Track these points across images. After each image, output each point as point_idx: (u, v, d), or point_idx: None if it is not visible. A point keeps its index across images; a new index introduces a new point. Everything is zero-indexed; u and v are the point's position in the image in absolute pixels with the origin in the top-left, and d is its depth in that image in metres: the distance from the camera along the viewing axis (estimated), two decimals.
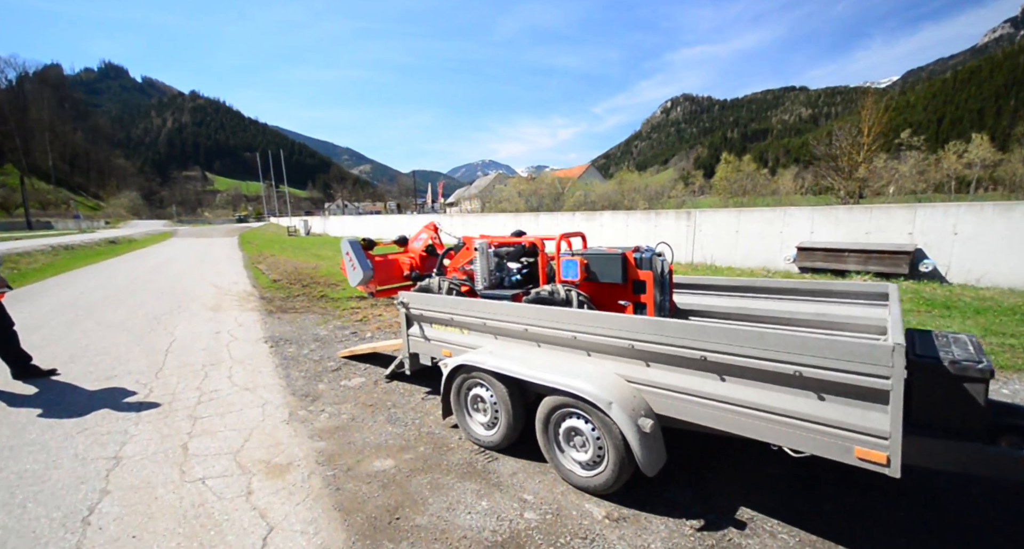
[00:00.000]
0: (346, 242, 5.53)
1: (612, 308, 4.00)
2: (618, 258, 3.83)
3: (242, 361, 5.67)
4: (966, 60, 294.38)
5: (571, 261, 3.97)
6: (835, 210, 10.59)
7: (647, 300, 3.81)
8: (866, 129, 34.06)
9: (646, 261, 3.83)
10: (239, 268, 15.91)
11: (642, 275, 3.80)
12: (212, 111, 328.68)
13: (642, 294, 3.83)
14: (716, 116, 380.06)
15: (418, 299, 4.20)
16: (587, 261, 3.96)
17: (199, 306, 9.13)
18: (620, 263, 3.83)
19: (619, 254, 3.83)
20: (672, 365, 2.58)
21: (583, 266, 3.93)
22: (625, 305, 3.98)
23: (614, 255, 3.85)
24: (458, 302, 3.81)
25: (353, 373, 5.20)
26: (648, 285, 3.77)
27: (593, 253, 4.00)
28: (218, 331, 7.14)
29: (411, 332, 4.40)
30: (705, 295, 4.54)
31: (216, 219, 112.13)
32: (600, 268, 3.94)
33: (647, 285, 3.77)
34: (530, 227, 18.85)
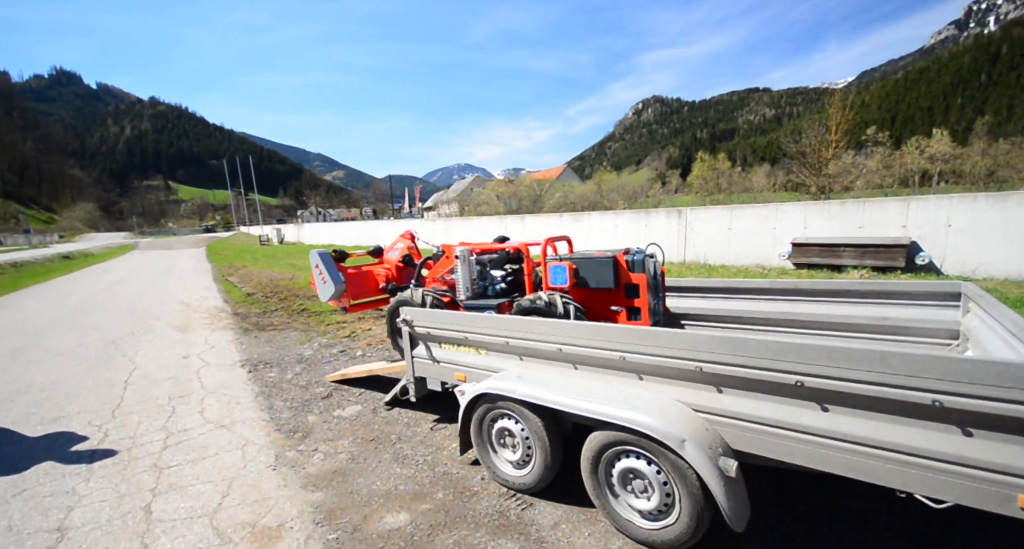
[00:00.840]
0: (315, 254, 5.06)
1: (604, 315, 3.82)
2: (609, 262, 3.64)
3: (216, 391, 4.98)
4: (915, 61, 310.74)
5: (559, 267, 3.77)
6: (828, 205, 10.53)
7: (641, 304, 3.63)
8: (834, 127, 35.13)
9: (638, 263, 3.64)
10: (208, 281, 14.89)
11: (635, 278, 3.62)
12: (174, 118, 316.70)
13: (635, 298, 3.65)
14: (686, 117, 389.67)
15: (425, 316, 3.67)
16: (576, 266, 3.77)
17: (164, 326, 8.29)
18: (611, 267, 3.64)
19: (610, 257, 3.64)
20: (755, 391, 2.15)
21: (572, 271, 3.73)
22: (618, 311, 3.74)
23: (604, 259, 3.65)
24: (475, 319, 3.30)
25: (347, 400, 4.60)
26: (641, 289, 3.59)
27: (582, 257, 3.79)
28: (186, 355, 6.39)
29: (416, 353, 3.86)
30: (733, 299, 4.17)
31: (181, 229, 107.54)
32: (590, 273, 3.74)
33: (640, 289, 3.60)
34: (516, 230, 18.41)
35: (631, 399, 2.40)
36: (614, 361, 2.60)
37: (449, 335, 3.51)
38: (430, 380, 3.83)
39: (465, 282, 4.25)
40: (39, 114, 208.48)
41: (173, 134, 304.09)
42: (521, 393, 2.74)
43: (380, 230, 27.60)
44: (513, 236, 18.37)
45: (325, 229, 35.10)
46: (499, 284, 4.40)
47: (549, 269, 3.83)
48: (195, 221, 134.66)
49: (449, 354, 3.60)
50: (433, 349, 3.74)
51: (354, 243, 29.09)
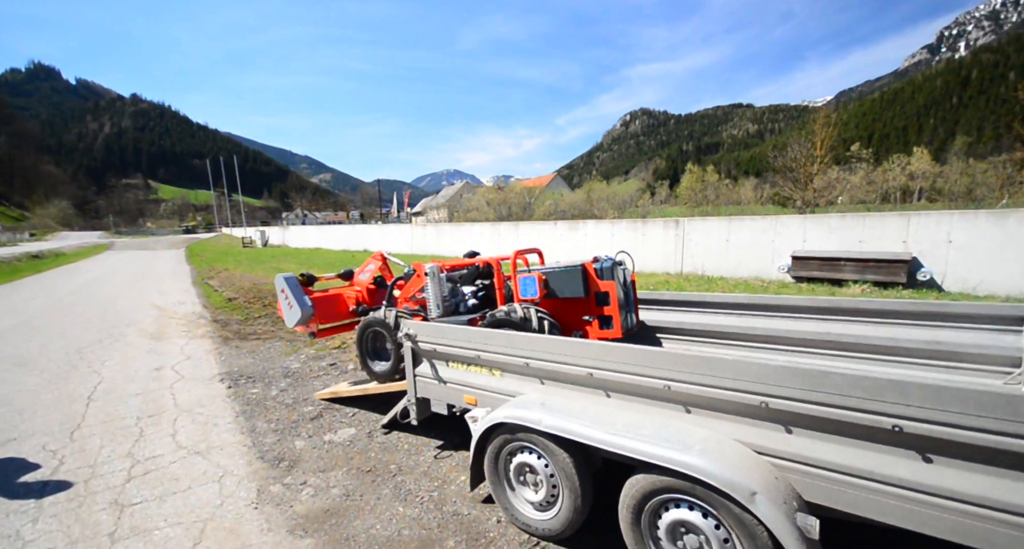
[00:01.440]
0: (281, 279, 4.76)
1: (576, 325, 3.77)
2: (577, 270, 3.65)
3: (191, 410, 4.50)
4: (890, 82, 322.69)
5: (528, 278, 3.75)
6: (827, 218, 10.47)
7: (612, 312, 3.59)
8: (819, 142, 35.87)
9: (607, 271, 3.61)
10: (186, 285, 14.20)
11: (604, 286, 3.60)
12: (156, 115, 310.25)
13: (606, 306, 3.61)
14: (672, 130, 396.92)
15: (430, 331, 3.31)
16: (545, 277, 3.76)
17: (136, 334, 7.71)
18: (580, 275, 3.64)
19: (578, 266, 3.66)
20: (837, 434, 1.84)
21: (541, 282, 3.73)
22: (589, 320, 3.68)
23: (573, 267, 3.67)
24: (490, 336, 2.94)
25: (339, 422, 4.18)
26: (612, 296, 3.56)
27: (550, 268, 3.80)
28: (159, 367, 5.87)
29: (419, 372, 3.49)
30: (763, 316, 3.89)
31: (160, 230, 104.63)
32: (559, 283, 3.74)
33: (611, 296, 3.57)
34: (510, 237, 18.11)
35: (681, 437, 2.08)
36: (657, 390, 2.27)
37: (459, 353, 3.15)
38: (435, 402, 3.46)
39: (436, 299, 4.09)
40: (14, 109, 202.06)
41: (155, 132, 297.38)
42: (547, 425, 2.39)
43: (369, 234, 27.02)
44: (507, 244, 18.11)
45: (312, 232, 34.28)
46: (470, 300, 4.28)
47: (519, 281, 3.77)
48: (175, 221, 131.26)
49: (458, 374, 3.24)
50: (439, 368, 3.37)
51: (341, 247, 28.44)
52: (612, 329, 3.63)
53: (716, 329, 3.99)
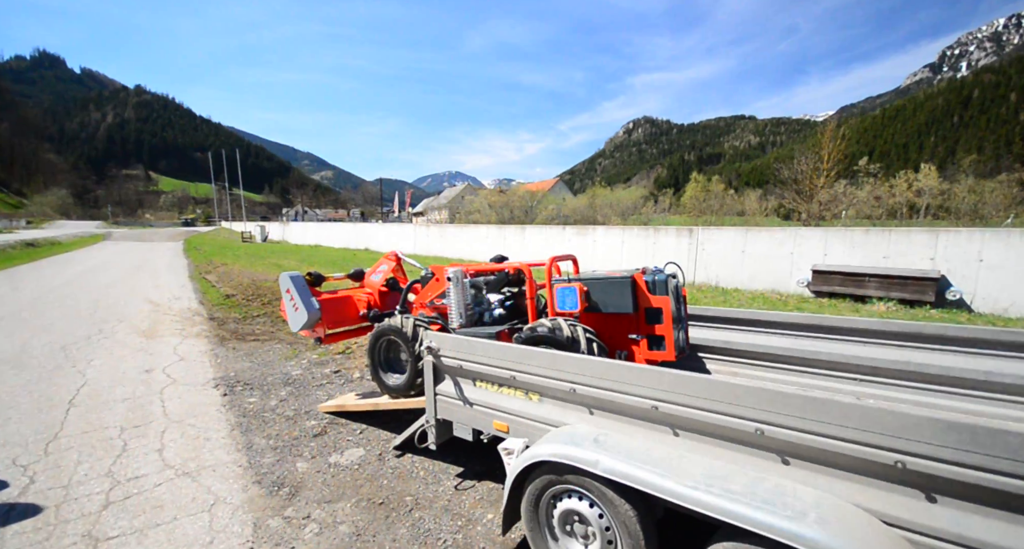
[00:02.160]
0: (286, 277, 4.34)
1: (620, 344, 3.35)
2: (627, 282, 3.19)
3: (182, 420, 4.08)
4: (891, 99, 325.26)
5: (568, 289, 3.34)
6: (850, 232, 10.13)
7: (664, 332, 3.18)
8: (826, 156, 35.69)
9: (660, 284, 3.20)
10: (183, 279, 13.76)
11: (656, 301, 3.18)
12: (159, 107, 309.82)
13: (658, 325, 3.20)
14: (674, 139, 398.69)
15: (457, 345, 2.91)
16: (587, 288, 3.32)
17: (127, 331, 7.27)
18: (630, 288, 3.18)
19: (627, 277, 3.20)
20: (1003, 507, 1.45)
21: (583, 294, 3.30)
22: (636, 339, 3.27)
23: (621, 278, 3.21)
24: (530, 355, 2.55)
25: (345, 439, 3.77)
26: (665, 313, 3.16)
27: (595, 278, 3.34)
28: (149, 369, 5.44)
29: (441, 390, 3.09)
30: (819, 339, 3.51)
31: (159, 222, 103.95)
32: (604, 296, 3.29)
33: (664, 313, 3.16)
34: (516, 241, 17.74)
35: (786, 498, 1.68)
36: (745, 434, 1.88)
37: (489, 372, 2.75)
38: (458, 426, 3.06)
39: (458, 307, 3.71)
40: (17, 96, 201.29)
41: (157, 124, 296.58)
42: (607, 469, 1.99)
43: (371, 233, 26.59)
44: (513, 248, 17.73)
45: (312, 229, 33.84)
46: (496, 309, 3.87)
47: (556, 292, 3.40)
48: (174, 214, 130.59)
49: (487, 396, 2.84)
50: (465, 387, 2.97)
51: (342, 245, 28.01)
52: (664, 350, 3.22)
53: (770, 351, 3.60)
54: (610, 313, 3.31)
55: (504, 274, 4.00)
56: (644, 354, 3.28)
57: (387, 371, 3.95)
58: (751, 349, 3.71)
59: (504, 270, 3.98)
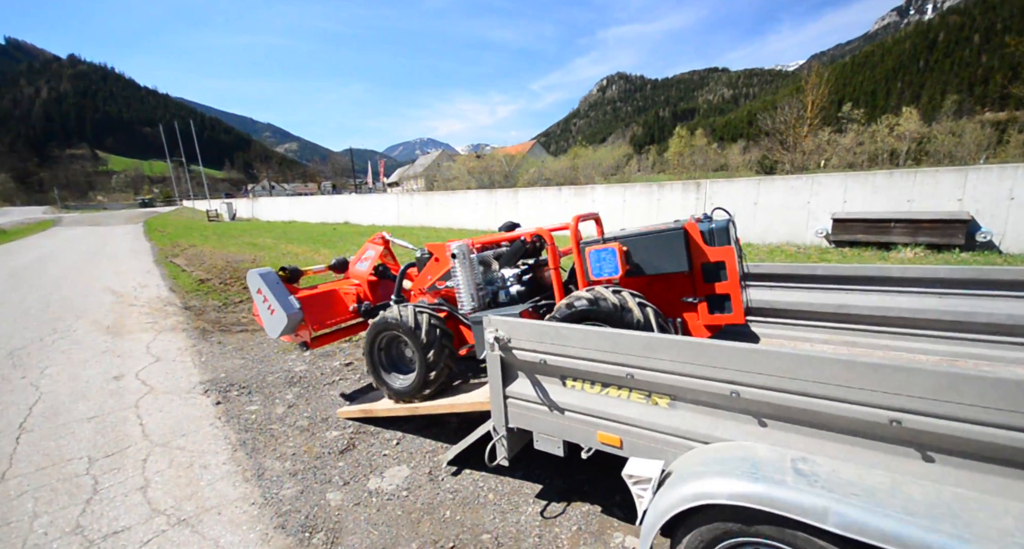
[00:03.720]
0: (255, 275, 3.62)
1: (671, 311, 2.87)
2: (679, 234, 2.64)
3: (168, 442, 3.27)
4: (861, 45, 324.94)
5: (604, 250, 2.80)
6: (872, 176, 9.60)
7: (729, 289, 2.66)
8: (809, 104, 35.08)
9: (720, 232, 2.67)
10: (147, 264, 12.45)
11: (716, 254, 2.67)
12: (98, 79, 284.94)
13: (720, 282, 2.68)
14: (649, 95, 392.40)
15: (538, 333, 2.17)
16: (627, 247, 2.78)
17: (87, 328, 6.25)
18: (682, 241, 2.63)
19: (678, 229, 2.65)
20: None
21: (623, 255, 2.74)
22: (694, 303, 2.76)
23: (671, 231, 2.66)
24: (657, 344, 1.82)
25: (380, 454, 3.04)
26: (729, 267, 2.65)
27: (636, 234, 2.79)
28: (119, 375, 4.54)
29: (514, 392, 2.37)
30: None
31: (113, 204, 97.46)
32: (650, 254, 2.73)
33: (727, 267, 2.64)
34: (508, 205, 16.77)
35: None
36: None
37: (590, 368, 2.03)
38: (540, 437, 2.36)
39: (468, 288, 3.16)
40: None
41: (99, 97, 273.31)
42: (846, 522, 1.31)
43: (349, 205, 25.01)
44: (505, 214, 16.75)
45: (284, 203, 31.79)
46: (513, 286, 3.31)
47: (590, 255, 2.88)
48: (129, 194, 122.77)
49: (586, 399, 2.13)
50: (550, 388, 2.25)
51: (319, 219, 26.41)
52: (730, 313, 2.69)
53: (831, 311, 3.06)
54: (656, 275, 2.78)
55: (520, 243, 3.32)
56: (704, 319, 2.75)
57: (391, 371, 3.33)
58: (803, 308, 3.17)
59: (520, 238, 3.31)
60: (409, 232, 18.00)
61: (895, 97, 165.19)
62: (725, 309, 2.72)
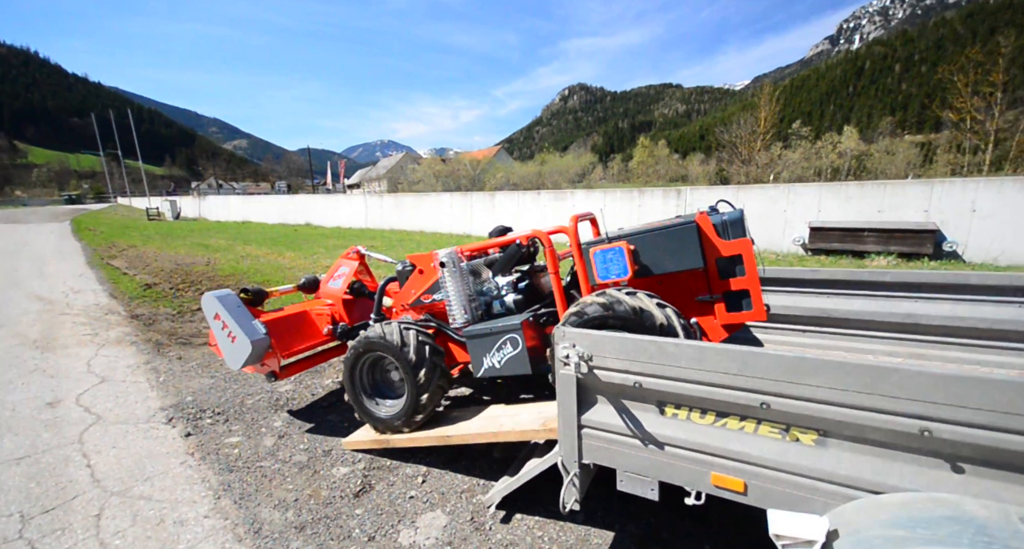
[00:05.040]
0: (212, 299, 3.18)
1: (687, 312, 2.61)
2: (691, 228, 2.44)
3: (126, 490, 2.60)
4: (798, 70, 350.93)
5: (611, 250, 2.59)
6: (845, 187, 9.97)
7: (748, 284, 2.45)
8: (762, 120, 37.09)
9: (734, 224, 2.53)
10: (79, 266, 11.02)
11: (731, 247, 2.45)
12: (19, 63, 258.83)
13: (736, 277, 2.47)
14: (609, 106, 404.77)
15: (630, 349, 1.80)
16: (634, 246, 2.57)
17: (9, 342, 5.24)
18: (695, 235, 2.43)
19: (689, 222, 2.46)
20: None
21: (631, 255, 2.54)
22: (711, 301, 2.55)
23: (683, 225, 2.47)
24: (806, 364, 1.48)
25: (404, 495, 2.54)
26: (747, 260, 2.44)
27: (644, 231, 2.58)
28: (55, 400, 3.73)
29: (592, 420, 1.97)
30: None
31: (34, 199, 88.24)
32: (660, 252, 2.53)
33: (745, 259, 2.43)
34: (484, 209, 16.33)
35: None
36: None
37: (704, 394, 1.67)
38: (627, 475, 1.96)
39: (460, 300, 2.90)
40: None
41: (19, 84, 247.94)
42: None
43: (311, 206, 23.62)
44: (481, 218, 16.31)
45: (237, 202, 29.67)
46: (509, 295, 3.05)
47: (595, 256, 2.68)
48: (53, 190, 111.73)
49: (695, 431, 1.76)
50: (643, 416, 1.88)
51: (277, 220, 24.80)
52: (751, 310, 2.49)
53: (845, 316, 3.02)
54: (667, 274, 2.58)
55: (515, 247, 3.05)
56: (722, 319, 2.55)
57: (373, 397, 2.98)
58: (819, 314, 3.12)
59: (515, 242, 3.03)
60: (379, 235, 17.15)
61: (828, 118, 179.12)
62: (745, 306, 2.52)
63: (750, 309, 2.49)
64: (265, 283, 8.26)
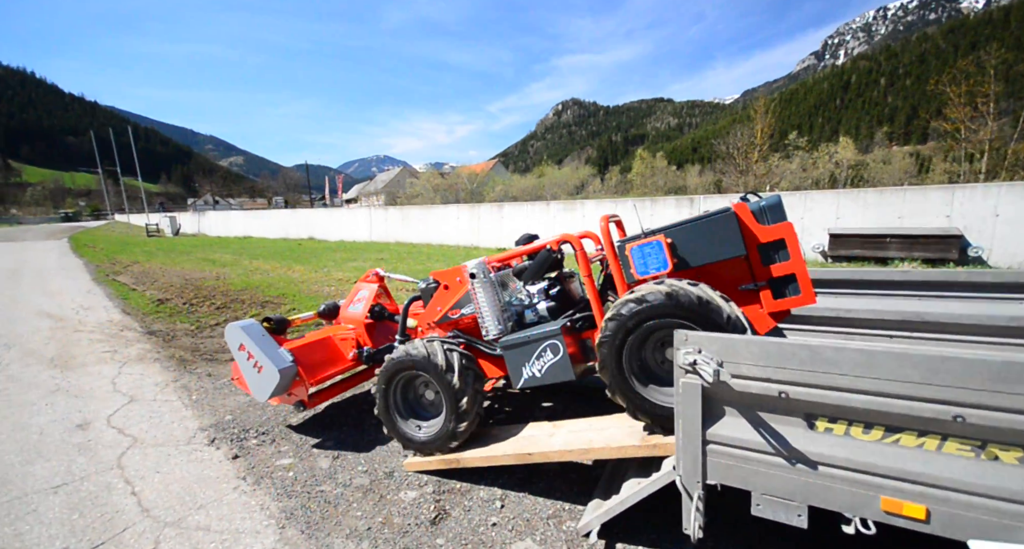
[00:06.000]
0: (237, 329, 3.17)
1: None
2: (730, 216, 2.36)
3: (180, 519, 2.36)
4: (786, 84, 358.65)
5: (649, 244, 2.50)
6: (864, 193, 9.94)
7: (794, 268, 2.33)
8: (759, 131, 37.59)
9: (773, 209, 2.41)
10: (85, 283, 10.75)
11: (772, 233, 2.35)
12: (15, 83, 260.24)
13: (780, 262, 2.36)
14: (602, 121, 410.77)
15: (776, 354, 1.62)
16: (672, 239, 2.48)
17: (24, 361, 4.99)
18: (735, 223, 2.36)
19: (727, 211, 2.38)
20: None
21: (669, 248, 2.45)
22: (755, 289, 2.43)
23: (721, 214, 2.38)
24: (1018, 367, 1.31)
25: (484, 521, 2.32)
26: (790, 243, 2.34)
27: (679, 224, 2.49)
28: (84, 422, 3.48)
29: (719, 434, 1.80)
30: None
31: (29, 217, 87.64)
32: (699, 243, 2.44)
33: (788, 243, 2.34)
34: (493, 220, 16.23)
35: None
36: None
37: (871, 405, 1.50)
38: (765, 498, 1.76)
39: (493, 311, 2.83)
40: None
41: (14, 103, 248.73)
42: None
43: (314, 220, 23.45)
44: (488, 229, 16.20)
45: (238, 218, 29.45)
46: (541, 302, 2.99)
47: (632, 252, 2.58)
48: (48, 208, 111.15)
49: (858, 449, 1.60)
50: (787, 431, 1.71)
51: (279, 235, 24.58)
52: (799, 294, 2.36)
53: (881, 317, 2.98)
54: (705, 266, 2.48)
55: (547, 253, 2.94)
56: (769, 306, 2.43)
57: (408, 418, 2.92)
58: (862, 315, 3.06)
59: (546, 247, 2.94)
60: (385, 248, 16.98)
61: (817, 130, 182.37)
62: (792, 291, 2.39)
63: (798, 294, 2.36)
64: (282, 297, 8.05)
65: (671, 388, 2.27)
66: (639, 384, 2.33)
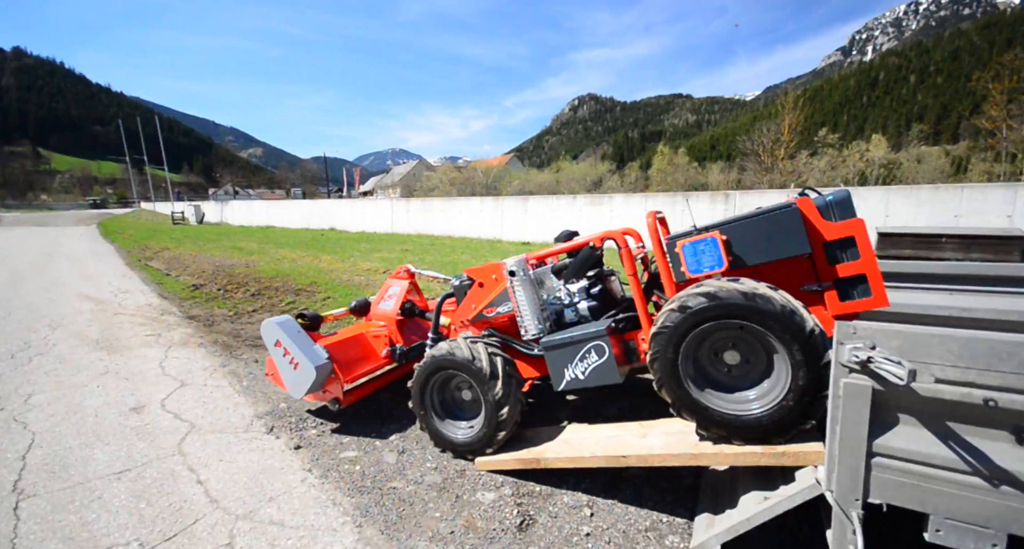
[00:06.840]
0: (273, 325, 3.11)
1: None
2: (794, 212, 2.16)
3: (252, 512, 2.24)
4: (809, 80, 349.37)
5: (703, 241, 2.31)
6: (916, 190, 9.48)
7: (865, 268, 2.13)
8: (786, 128, 36.56)
9: (841, 204, 2.28)
10: (119, 267, 10.87)
11: (839, 230, 2.17)
12: (45, 73, 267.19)
13: (849, 261, 2.16)
14: (618, 116, 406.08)
15: (986, 352, 1.39)
16: (727, 236, 2.29)
17: (71, 342, 4.97)
18: (799, 219, 2.16)
19: (791, 206, 2.18)
20: None
21: (725, 245, 2.26)
22: (820, 290, 2.23)
23: (783, 209, 2.18)
24: None
25: (580, 532, 2.14)
26: (860, 241, 2.14)
27: (734, 220, 2.30)
28: (138, 406, 3.40)
29: (887, 446, 1.58)
30: None
31: (59, 204, 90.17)
32: (758, 240, 2.25)
33: (859, 241, 2.14)
34: (517, 213, 16.02)
35: None
36: None
37: None
38: (948, 522, 1.53)
39: (532, 310, 2.72)
40: None
41: (44, 93, 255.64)
42: None
43: (336, 211, 23.52)
44: (512, 223, 16.00)
45: (260, 207, 29.76)
46: (582, 301, 2.84)
47: (684, 249, 2.40)
48: (75, 195, 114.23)
49: None
50: (988, 447, 1.49)
51: (302, 225, 24.74)
52: (870, 296, 2.15)
53: None
54: (764, 265, 2.30)
55: (589, 250, 2.81)
56: (835, 309, 2.22)
57: (445, 418, 2.84)
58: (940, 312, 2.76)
59: (588, 244, 2.79)
60: (407, 240, 16.91)
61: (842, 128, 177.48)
62: (861, 293, 2.17)
63: (868, 296, 2.15)
64: (315, 285, 7.98)
65: (729, 394, 2.15)
66: (695, 388, 2.16)
